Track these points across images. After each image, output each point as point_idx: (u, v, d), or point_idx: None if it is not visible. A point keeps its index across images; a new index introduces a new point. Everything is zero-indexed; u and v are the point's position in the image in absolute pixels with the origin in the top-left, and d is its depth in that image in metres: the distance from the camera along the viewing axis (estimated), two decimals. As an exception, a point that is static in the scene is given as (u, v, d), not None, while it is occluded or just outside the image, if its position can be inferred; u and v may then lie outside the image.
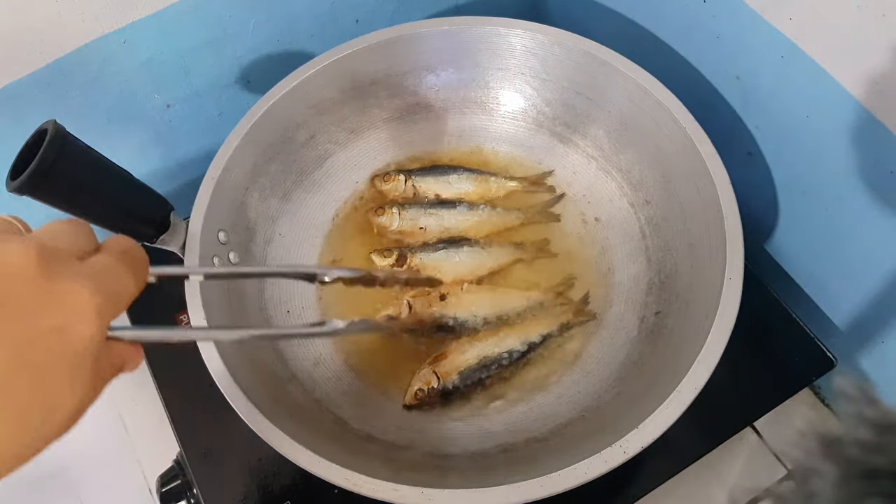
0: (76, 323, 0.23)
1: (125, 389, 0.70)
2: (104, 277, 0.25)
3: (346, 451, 0.45)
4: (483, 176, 0.64)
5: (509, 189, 0.63)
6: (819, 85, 0.49)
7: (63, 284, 0.23)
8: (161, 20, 0.56)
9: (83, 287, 0.23)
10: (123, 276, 0.26)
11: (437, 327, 0.56)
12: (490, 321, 0.56)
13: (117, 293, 0.25)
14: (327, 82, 0.60)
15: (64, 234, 0.26)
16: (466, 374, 0.53)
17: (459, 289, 0.57)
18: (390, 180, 0.63)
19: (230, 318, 0.51)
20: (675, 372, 0.44)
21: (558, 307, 0.57)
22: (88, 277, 0.24)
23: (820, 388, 0.65)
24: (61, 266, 0.23)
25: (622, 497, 0.52)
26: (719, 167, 0.51)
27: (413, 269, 0.58)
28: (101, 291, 0.24)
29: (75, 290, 0.23)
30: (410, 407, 0.53)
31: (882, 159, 0.49)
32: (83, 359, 0.23)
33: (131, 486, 0.65)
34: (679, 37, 0.62)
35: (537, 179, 0.64)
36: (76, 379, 0.23)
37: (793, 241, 0.62)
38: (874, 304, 0.56)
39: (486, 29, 0.60)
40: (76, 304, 0.23)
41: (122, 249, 0.27)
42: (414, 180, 0.63)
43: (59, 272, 0.23)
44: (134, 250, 0.28)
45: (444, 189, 0.63)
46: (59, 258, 0.24)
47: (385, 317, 0.56)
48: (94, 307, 0.23)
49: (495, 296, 0.57)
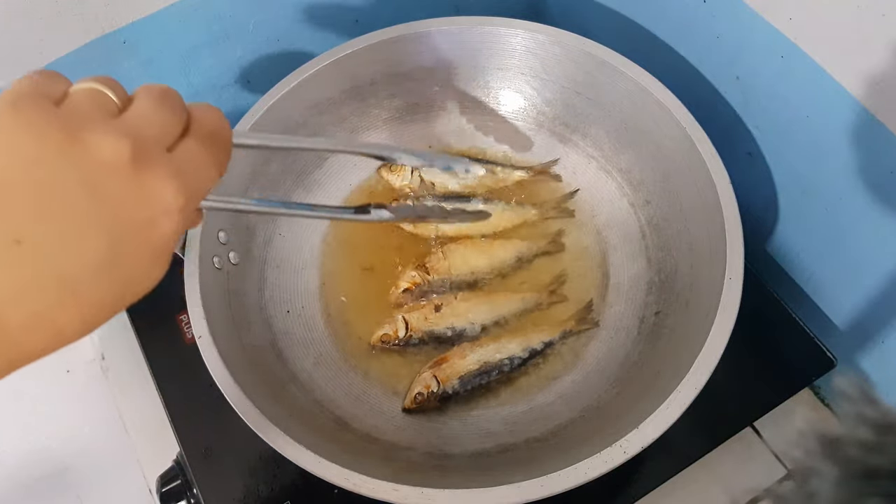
0: (162, 218, 0.25)
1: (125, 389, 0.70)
2: (190, 173, 0.26)
3: (346, 451, 0.45)
4: (489, 166, 0.64)
5: (516, 178, 0.63)
6: (819, 85, 0.49)
7: (152, 183, 0.25)
8: (161, 20, 0.56)
9: (170, 186, 0.25)
10: (208, 168, 0.27)
11: (437, 340, 0.56)
12: (488, 327, 0.56)
13: (200, 188, 0.27)
14: (327, 82, 0.60)
15: (156, 120, 0.26)
16: (467, 379, 0.53)
17: (453, 298, 0.57)
18: (397, 170, 0.63)
19: (230, 317, 0.51)
20: (675, 372, 0.44)
21: (559, 312, 0.57)
22: (175, 175, 0.25)
23: (820, 388, 0.65)
24: (151, 162, 0.25)
25: (622, 497, 0.52)
26: (719, 167, 0.51)
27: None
28: (186, 190, 0.25)
29: (163, 188, 0.25)
30: (409, 410, 0.53)
31: (882, 159, 0.49)
32: (165, 249, 0.26)
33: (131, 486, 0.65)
34: (679, 37, 0.62)
35: (543, 168, 0.64)
36: (156, 264, 0.26)
37: (793, 242, 0.62)
38: (874, 304, 0.56)
39: (486, 29, 0.60)
40: (163, 201, 0.25)
41: (210, 131, 0.28)
42: (421, 170, 0.63)
43: (150, 168, 0.24)
44: (221, 131, 0.29)
45: (449, 179, 0.63)
46: (149, 153, 0.25)
47: (379, 337, 0.55)
48: (178, 206, 0.25)
49: (490, 301, 0.57)
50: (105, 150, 0.24)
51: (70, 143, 0.23)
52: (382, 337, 0.55)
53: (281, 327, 0.56)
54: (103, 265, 0.24)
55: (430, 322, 0.56)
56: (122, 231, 0.24)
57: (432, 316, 0.56)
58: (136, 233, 0.25)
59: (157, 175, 0.25)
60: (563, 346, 0.56)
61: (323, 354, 0.56)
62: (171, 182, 0.25)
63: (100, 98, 0.25)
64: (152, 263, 0.26)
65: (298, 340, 0.56)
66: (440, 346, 0.56)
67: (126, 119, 0.25)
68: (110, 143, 0.24)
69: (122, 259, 0.24)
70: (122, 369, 0.70)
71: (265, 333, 0.54)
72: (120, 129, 0.24)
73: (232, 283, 0.53)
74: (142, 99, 0.26)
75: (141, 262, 0.25)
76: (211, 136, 0.28)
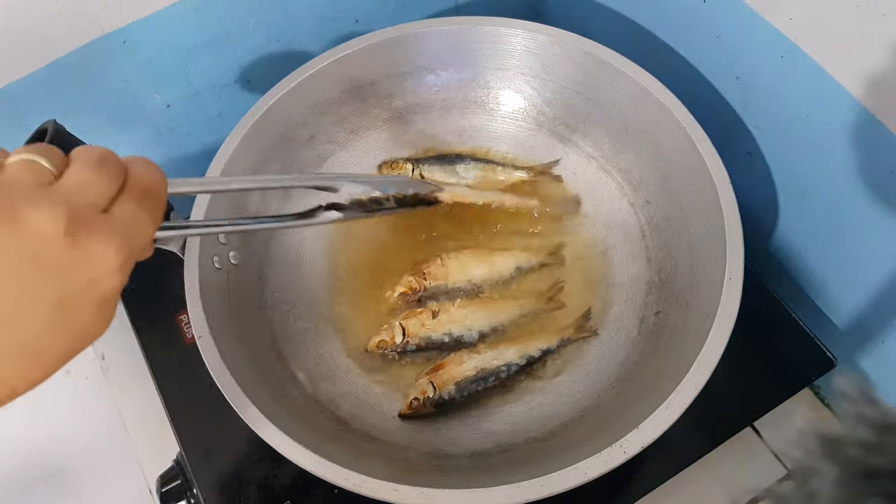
0: (104, 278, 0.26)
1: (125, 389, 0.70)
2: (128, 231, 0.27)
3: (346, 451, 0.45)
4: (490, 165, 0.64)
5: (516, 179, 0.63)
6: (819, 85, 0.49)
7: (92, 247, 0.26)
8: (161, 20, 0.56)
9: (110, 248, 0.26)
10: (145, 225, 0.28)
11: (434, 346, 0.56)
12: (486, 333, 0.56)
13: (139, 244, 0.28)
14: (327, 82, 0.60)
15: (93, 186, 0.27)
16: (463, 386, 0.53)
17: (451, 305, 0.57)
18: (398, 168, 0.63)
19: (230, 317, 0.51)
20: (675, 372, 0.44)
21: (558, 319, 0.57)
22: (114, 236, 0.26)
23: (820, 388, 0.65)
24: (89, 228, 0.26)
25: (622, 497, 0.52)
26: (719, 167, 0.51)
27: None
28: (125, 248, 0.27)
29: (104, 251, 0.26)
30: (406, 416, 0.53)
31: (882, 159, 0.49)
32: (110, 303, 0.27)
33: (131, 486, 0.65)
34: (679, 37, 0.62)
35: (544, 169, 0.64)
36: (102, 317, 0.27)
37: (793, 242, 0.62)
38: (874, 304, 0.56)
39: (486, 29, 0.60)
40: (104, 263, 0.26)
41: (145, 188, 0.29)
42: (422, 169, 0.63)
43: (88, 234, 0.26)
44: (156, 186, 0.29)
45: (450, 178, 0.63)
46: (86, 220, 0.26)
47: (376, 343, 0.55)
48: (118, 264, 0.26)
49: (488, 307, 0.57)
50: (43, 224, 0.25)
51: (8, 220, 0.24)
52: (379, 343, 0.55)
53: (281, 327, 0.56)
54: (51, 329, 0.26)
55: (428, 328, 0.55)
56: (66, 296, 0.26)
57: (430, 322, 0.56)
58: (81, 295, 0.26)
59: (96, 239, 0.26)
60: (561, 353, 0.55)
61: (323, 354, 0.56)
62: (110, 243, 0.26)
63: (34, 168, 0.26)
64: (99, 318, 0.27)
65: (298, 340, 0.56)
66: (438, 353, 0.56)
67: (61, 187, 0.26)
68: (47, 215, 0.25)
69: (69, 320, 0.26)
70: (122, 369, 0.71)
71: (265, 333, 0.54)
72: (55, 200, 0.25)
73: (232, 283, 0.53)
74: (78, 165, 0.27)
75: (87, 319, 0.27)
76: (146, 193, 0.29)
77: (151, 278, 0.60)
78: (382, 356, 0.56)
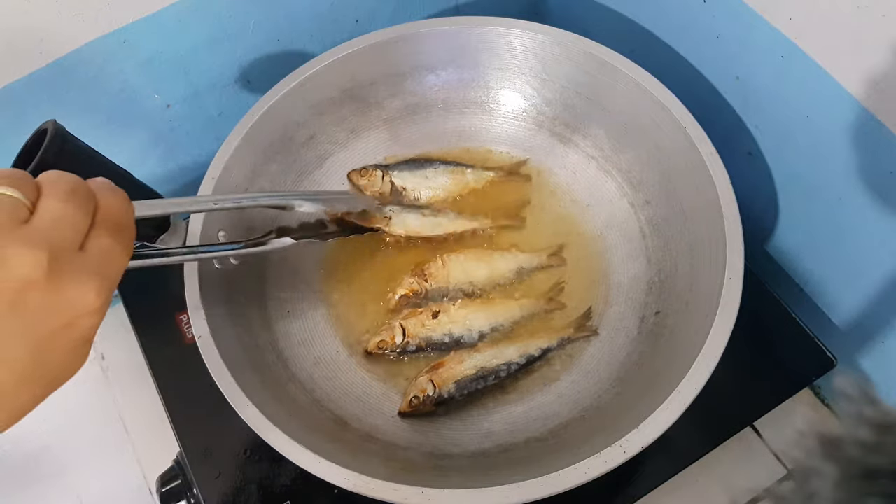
0: (83, 318, 0.26)
1: (125, 389, 0.70)
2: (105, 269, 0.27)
3: (346, 451, 0.45)
4: (460, 168, 0.64)
5: (486, 179, 0.63)
6: (819, 85, 0.49)
7: (72, 289, 0.25)
8: (161, 20, 0.56)
9: (90, 288, 0.26)
10: (119, 258, 0.28)
11: (434, 347, 0.55)
12: (486, 334, 0.56)
13: (116, 279, 0.28)
14: (327, 82, 0.60)
15: (68, 221, 0.26)
16: (463, 384, 0.53)
17: (451, 305, 0.57)
18: (367, 175, 0.63)
19: (230, 317, 0.51)
20: (675, 372, 0.44)
21: (558, 319, 0.57)
22: (94, 275, 0.26)
23: (820, 388, 0.65)
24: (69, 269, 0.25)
25: (622, 497, 0.52)
26: (719, 167, 0.51)
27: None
28: (105, 287, 0.26)
29: (84, 293, 0.26)
30: (405, 414, 0.53)
31: (882, 159, 0.49)
32: (88, 340, 0.27)
33: (131, 486, 0.65)
34: (679, 37, 0.62)
35: (512, 168, 0.64)
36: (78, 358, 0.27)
37: (793, 242, 0.62)
38: (874, 304, 0.56)
39: (486, 29, 0.60)
40: (84, 304, 0.26)
41: (115, 220, 0.28)
42: (392, 175, 0.63)
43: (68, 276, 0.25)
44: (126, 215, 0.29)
45: (420, 183, 0.63)
46: (65, 261, 0.25)
47: (376, 343, 0.55)
48: (99, 305, 0.26)
49: (488, 308, 0.57)
50: (24, 266, 0.24)
51: None
52: (379, 343, 0.55)
53: (281, 327, 0.56)
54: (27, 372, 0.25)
55: (428, 328, 0.56)
56: (44, 339, 0.25)
57: (430, 322, 0.56)
58: (58, 337, 0.25)
59: (76, 281, 0.25)
60: (561, 352, 0.55)
61: (323, 354, 0.56)
62: (90, 284, 0.26)
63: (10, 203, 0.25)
64: (74, 360, 0.27)
65: (298, 341, 0.56)
66: (438, 354, 0.56)
67: (38, 226, 0.25)
68: (28, 258, 0.24)
69: (45, 363, 0.26)
70: (122, 369, 0.71)
71: (265, 333, 0.54)
72: (35, 241, 0.24)
73: (232, 283, 0.53)
74: (51, 198, 0.26)
75: (63, 361, 0.26)
76: (118, 225, 0.28)
77: (151, 278, 0.61)
78: (383, 356, 0.56)
